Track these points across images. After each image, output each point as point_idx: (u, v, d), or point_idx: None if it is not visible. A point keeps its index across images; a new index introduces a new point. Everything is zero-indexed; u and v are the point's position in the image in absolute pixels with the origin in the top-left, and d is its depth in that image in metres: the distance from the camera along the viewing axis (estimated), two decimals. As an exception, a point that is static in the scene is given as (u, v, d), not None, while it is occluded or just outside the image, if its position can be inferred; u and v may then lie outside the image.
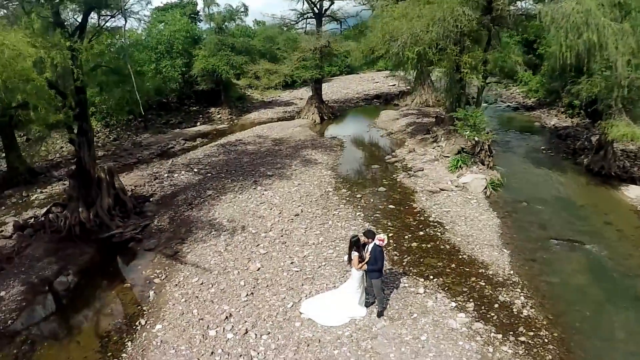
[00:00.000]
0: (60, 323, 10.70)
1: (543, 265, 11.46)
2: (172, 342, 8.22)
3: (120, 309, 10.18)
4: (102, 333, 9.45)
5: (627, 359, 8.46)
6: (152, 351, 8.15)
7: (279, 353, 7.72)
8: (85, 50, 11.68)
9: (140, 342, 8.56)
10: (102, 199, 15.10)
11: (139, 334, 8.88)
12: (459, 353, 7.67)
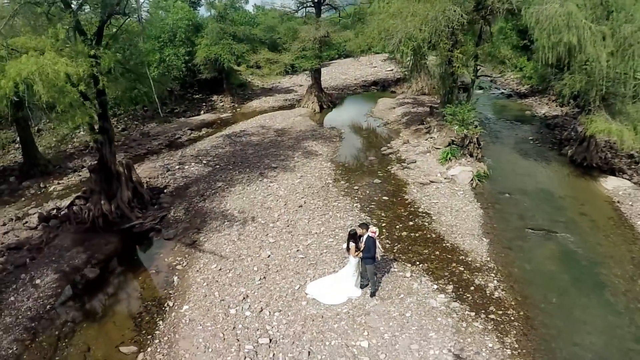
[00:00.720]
0: (95, 306, 12.23)
1: (518, 252, 13.03)
2: (199, 319, 9.83)
3: (149, 293, 11.76)
4: (134, 314, 11.04)
5: (584, 336, 10.06)
6: (182, 328, 9.76)
7: (289, 327, 9.34)
8: (107, 57, 12.86)
9: (170, 320, 10.17)
10: (122, 192, 16.52)
11: (169, 314, 10.48)
12: (437, 327, 9.29)
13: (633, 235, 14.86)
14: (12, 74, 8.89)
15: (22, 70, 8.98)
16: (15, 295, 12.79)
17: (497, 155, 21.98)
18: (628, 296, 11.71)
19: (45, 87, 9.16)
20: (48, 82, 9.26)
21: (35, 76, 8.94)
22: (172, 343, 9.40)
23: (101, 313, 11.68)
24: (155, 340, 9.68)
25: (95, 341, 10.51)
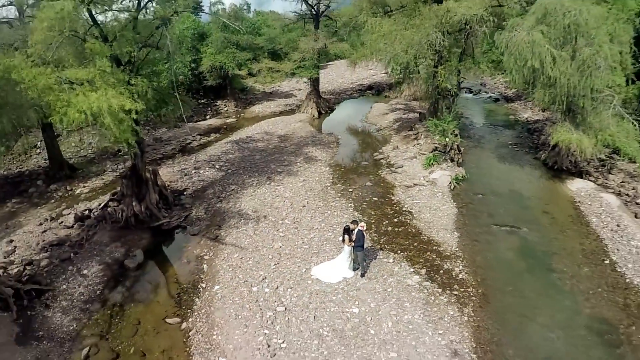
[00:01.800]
0: (139, 290, 15.15)
1: (483, 244, 16.09)
2: (229, 296, 12.85)
3: (183, 278, 14.76)
4: (174, 294, 14.03)
5: (531, 310, 13.01)
6: (216, 302, 12.78)
7: (299, 299, 12.38)
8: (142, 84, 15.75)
9: (205, 297, 13.19)
10: (150, 195, 19.45)
11: (203, 293, 13.49)
12: (411, 299, 12.34)
13: (587, 231, 17.91)
14: (84, 107, 11.75)
15: (92, 104, 11.83)
16: (67, 283, 15.69)
17: (477, 159, 25.03)
18: (573, 280, 14.74)
19: (111, 118, 12.04)
20: (112, 114, 12.13)
21: (104, 111, 11.81)
22: (209, 314, 12.42)
23: (145, 295, 14.66)
24: (195, 313, 12.70)
25: (144, 316, 13.49)
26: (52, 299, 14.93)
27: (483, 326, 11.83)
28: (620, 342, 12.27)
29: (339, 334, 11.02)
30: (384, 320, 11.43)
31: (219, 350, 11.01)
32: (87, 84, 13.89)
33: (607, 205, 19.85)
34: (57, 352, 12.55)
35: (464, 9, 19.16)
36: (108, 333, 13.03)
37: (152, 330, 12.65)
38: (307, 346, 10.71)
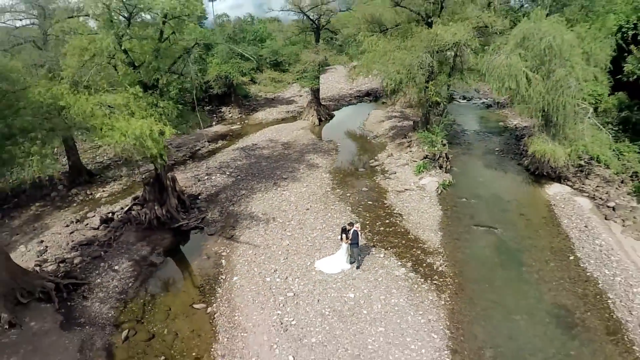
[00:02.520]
0: (167, 282, 17.91)
1: (463, 242, 18.88)
2: (246, 285, 15.64)
3: (205, 271, 17.53)
4: (198, 285, 16.80)
5: (499, 296, 15.71)
6: (235, 290, 15.57)
7: (305, 286, 15.16)
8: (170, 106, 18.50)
9: (226, 287, 15.97)
10: (170, 199, 22.22)
11: (223, 283, 16.27)
12: (398, 287, 15.12)
13: (557, 231, 20.71)
14: (128, 131, 14.49)
15: (135, 129, 14.57)
16: (100, 278, 18.41)
17: (464, 166, 27.85)
18: (539, 273, 17.51)
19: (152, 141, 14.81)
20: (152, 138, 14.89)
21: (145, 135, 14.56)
22: (230, 300, 15.21)
23: (172, 286, 17.43)
24: (218, 299, 15.49)
25: (173, 303, 16.25)
26: (88, 291, 17.63)
27: (457, 309, 14.62)
28: (575, 325, 15.01)
29: (338, 314, 13.82)
30: (375, 303, 14.22)
31: (240, 328, 13.80)
32: (123, 108, 16.67)
33: (579, 208, 22.65)
34: (100, 335, 15.23)
35: (450, 35, 21.96)
36: (143, 318, 15.76)
37: (182, 314, 15.43)
38: (312, 323, 13.51)
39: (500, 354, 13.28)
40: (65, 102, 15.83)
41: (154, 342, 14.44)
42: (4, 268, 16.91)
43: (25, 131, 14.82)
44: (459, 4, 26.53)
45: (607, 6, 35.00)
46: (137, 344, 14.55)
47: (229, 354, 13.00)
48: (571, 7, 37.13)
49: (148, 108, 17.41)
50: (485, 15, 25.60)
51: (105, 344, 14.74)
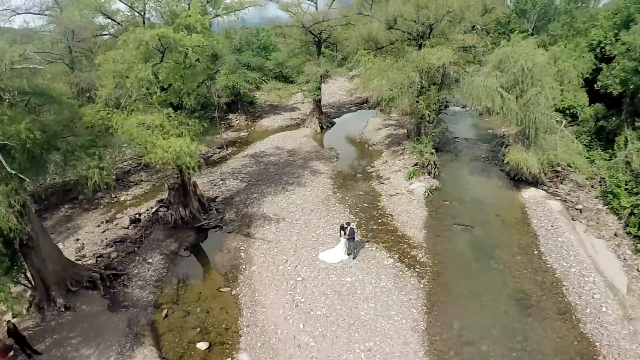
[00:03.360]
0: (195, 272, 21.89)
1: (443, 238, 22.93)
2: (263, 272, 19.72)
3: (228, 262, 21.57)
4: (222, 273, 20.84)
5: (470, 282, 19.78)
6: (254, 277, 19.64)
7: (311, 273, 19.24)
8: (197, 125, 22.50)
9: (246, 274, 20.04)
10: (192, 202, 26.25)
11: (244, 271, 20.34)
12: (386, 273, 19.20)
13: (527, 230, 24.71)
14: (169, 149, 18.48)
15: (175, 147, 18.57)
16: (137, 269, 22.37)
17: (452, 172, 31.89)
18: (506, 265, 21.49)
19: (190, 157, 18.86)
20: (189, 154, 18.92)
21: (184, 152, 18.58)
22: (250, 284, 19.27)
23: (201, 274, 21.47)
24: (240, 284, 19.55)
25: (203, 288, 20.29)
26: (127, 280, 21.60)
27: (433, 291, 18.68)
28: (531, 305, 18.99)
29: (337, 293, 17.88)
30: (367, 286, 18.28)
31: (260, 305, 17.87)
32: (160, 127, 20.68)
33: (549, 210, 26.67)
34: (143, 315, 19.17)
35: (435, 59, 26.00)
36: (178, 300, 19.78)
37: (211, 296, 19.49)
38: (317, 300, 17.58)
39: (467, 325, 17.31)
40: (114, 124, 19.88)
41: (189, 318, 18.47)
42: (57, 261, 20.91)
43: (84, 147, 18.84)
44: (446, 27, 30.56)
45: (588, 22, 39.19)
46: (175, 320, 18.56)
47: (252, 324, 17.08)
48: (554, 23, 41.44)
49: (179, 126, 21.44)
50: (469, 37, 29.65)
51: (149, 320, 18.71)
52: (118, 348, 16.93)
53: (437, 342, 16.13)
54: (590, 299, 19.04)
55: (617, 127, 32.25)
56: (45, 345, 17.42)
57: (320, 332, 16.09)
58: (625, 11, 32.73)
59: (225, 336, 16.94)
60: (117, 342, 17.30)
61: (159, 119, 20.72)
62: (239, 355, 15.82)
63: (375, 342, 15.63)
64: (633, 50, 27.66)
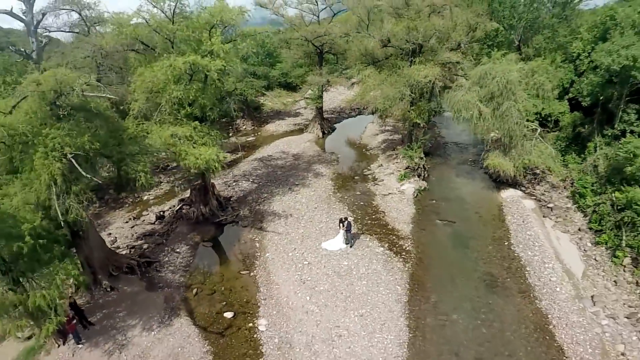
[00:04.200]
0: (217, 259, 26.70)
1: (427, 232, 27.74)
2: (276, 258, 24.56)
3: (245, 251, 26.40)
4: (240, 260, 25.66)
5: (445, 267, 24.56)
6: (268, 262, 24.48)
7: (315, 258, 24.08)
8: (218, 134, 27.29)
9: (261, 260, 24.89)
10: (211, 201, 31.10)
11: (259, 258, 25.19)
12: (377, 259, 24.02)
13: (501, 225, 29.46)
14: (199, 157, 23.28)
15: (206, 155, 23.38)
16: (167, 258, 27.19)
17: (440, 174, 36.69)
18: (479, 253, 26.23)
19: (217, 163, 23.69)
20: (216, 161, 23.75)
21: (213, 159, 23.40)
22: (266, 267, 24.11)
23: (223, 261, 26.30)
24: (257, 268, 24.39)
25: (225, 271, 25.12)
26: (159, 267, 26.41)
27: (415, 273, 23.49)
28: (497, 285, 23.70)
29: (337, 274, 22.71)
30: (361, 268, 23.11)
31: (274, 284, 22.69)
32: (189, 138, 25.49)
33: (523, 207, 31.43)
34: (177, 293, 23.95)
35: (423, 76, 30.79)
36: (205, 281, 24.56)
37: (233, 278, 24.31)
38: (320, 279, 22.41)
39: (441, 299, 22.06)
40: (153, 135, 24.68)
41: (216, 295, 23.26)
42: (102, 250, 25.69)
43: (131, 155, 23.63)
44: (435, 45, 35.33)
45: (568, 36, 43.84)
46: (204, 296, 23.34)
47: (268, 298, 21.91)
48: (539, 36, 46.15)
49: (204, 136, 26.27)
50: (454, 55, 34.41)
51: (182, 297, 23.48)
52: (159, 318, 21.67)
53: (415, 311, 20.92)
54: (548, 282, 23.72)
55: (590, 134, 36.96)
56: (97, 318, 22.10)
57: (323, 302, 20.92)
58: (602, 26, 37.34)
59: (247, 307, 21.75)
60: (157, 314, 22.04)
61: (188, 131, 25.57)
62: (258, 321, 20.63)
63: (366, 309, 20.45)
64: (599, 66, 32.46)
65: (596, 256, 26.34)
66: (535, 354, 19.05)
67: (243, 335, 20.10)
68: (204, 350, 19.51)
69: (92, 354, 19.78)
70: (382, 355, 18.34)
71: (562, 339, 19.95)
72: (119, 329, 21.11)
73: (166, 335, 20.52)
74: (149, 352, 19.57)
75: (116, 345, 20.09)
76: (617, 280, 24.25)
